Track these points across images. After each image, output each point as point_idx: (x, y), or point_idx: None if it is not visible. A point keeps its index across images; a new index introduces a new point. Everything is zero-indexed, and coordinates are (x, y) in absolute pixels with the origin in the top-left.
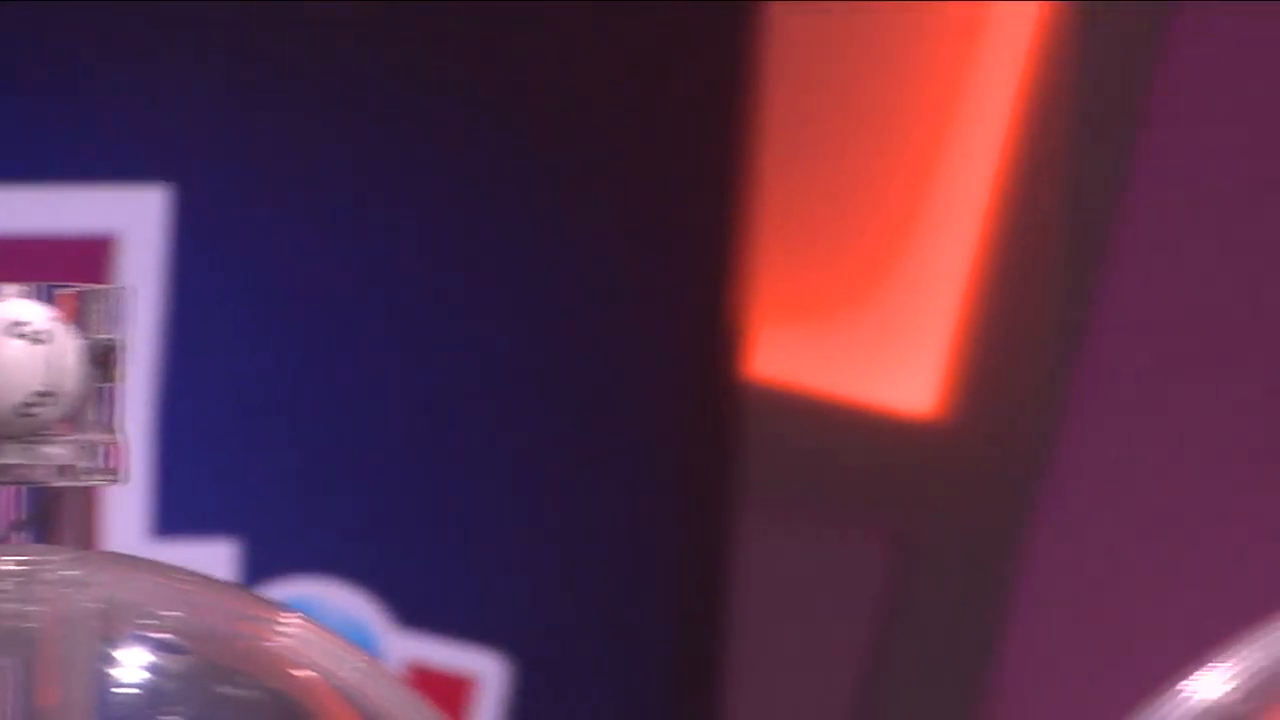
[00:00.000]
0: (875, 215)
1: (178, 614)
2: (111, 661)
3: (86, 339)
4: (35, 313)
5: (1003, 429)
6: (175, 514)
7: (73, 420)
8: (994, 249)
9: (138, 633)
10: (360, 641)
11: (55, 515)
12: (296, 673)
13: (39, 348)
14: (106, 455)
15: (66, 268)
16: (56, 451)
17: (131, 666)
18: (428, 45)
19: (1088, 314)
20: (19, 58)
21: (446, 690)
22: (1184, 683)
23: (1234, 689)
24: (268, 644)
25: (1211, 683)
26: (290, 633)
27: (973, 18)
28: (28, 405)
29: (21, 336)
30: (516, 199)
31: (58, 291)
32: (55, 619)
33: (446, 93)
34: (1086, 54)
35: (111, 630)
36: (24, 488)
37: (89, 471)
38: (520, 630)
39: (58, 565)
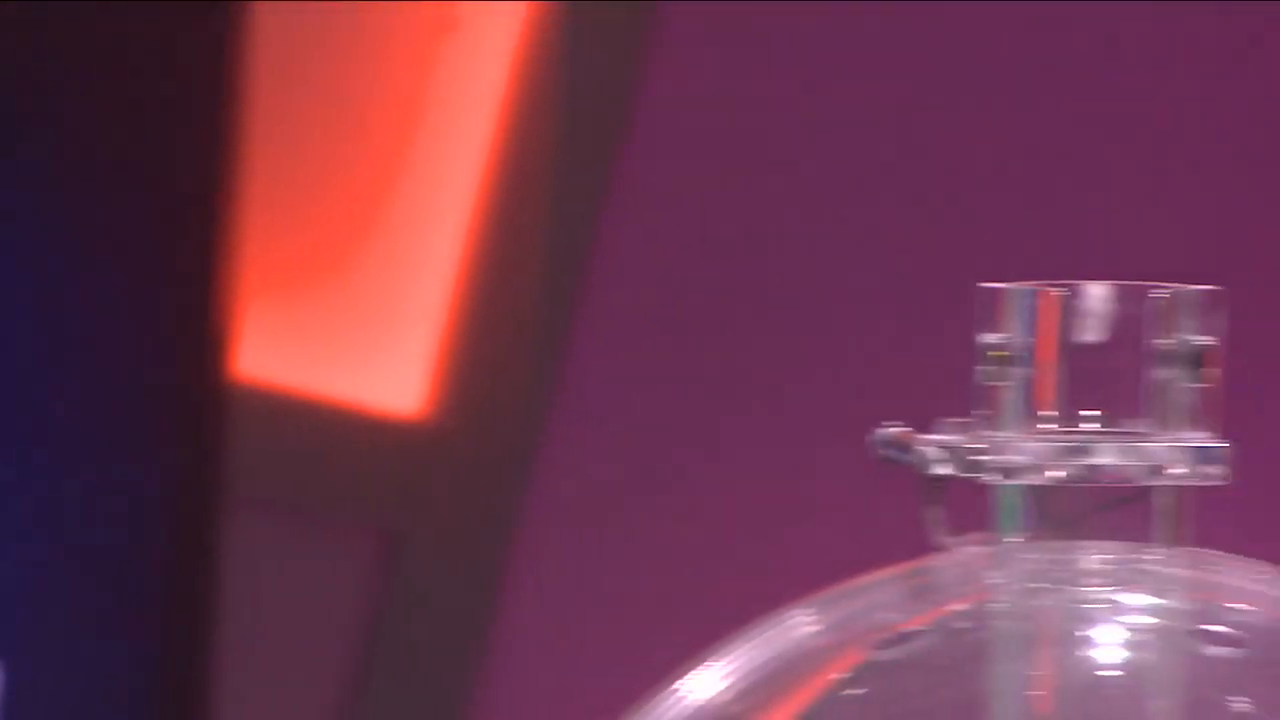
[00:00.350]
0: (357, 222)
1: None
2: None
3: None
4: None
5: (489, 428)
6: None
7: None
8: (478, 249)
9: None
10: None
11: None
12: None
13: None
14: None
15: None
16: None
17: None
18: None
19: (572, 313)
20: None
21: None
22: (678, 681)
23: (727, 688)
24: None
25: (705, 682)
26: None
27: (450, 16)
28: None
29: None
30: None
31: None
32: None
33: None
34: (571, 53)
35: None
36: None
37: None
38: (10, 632)
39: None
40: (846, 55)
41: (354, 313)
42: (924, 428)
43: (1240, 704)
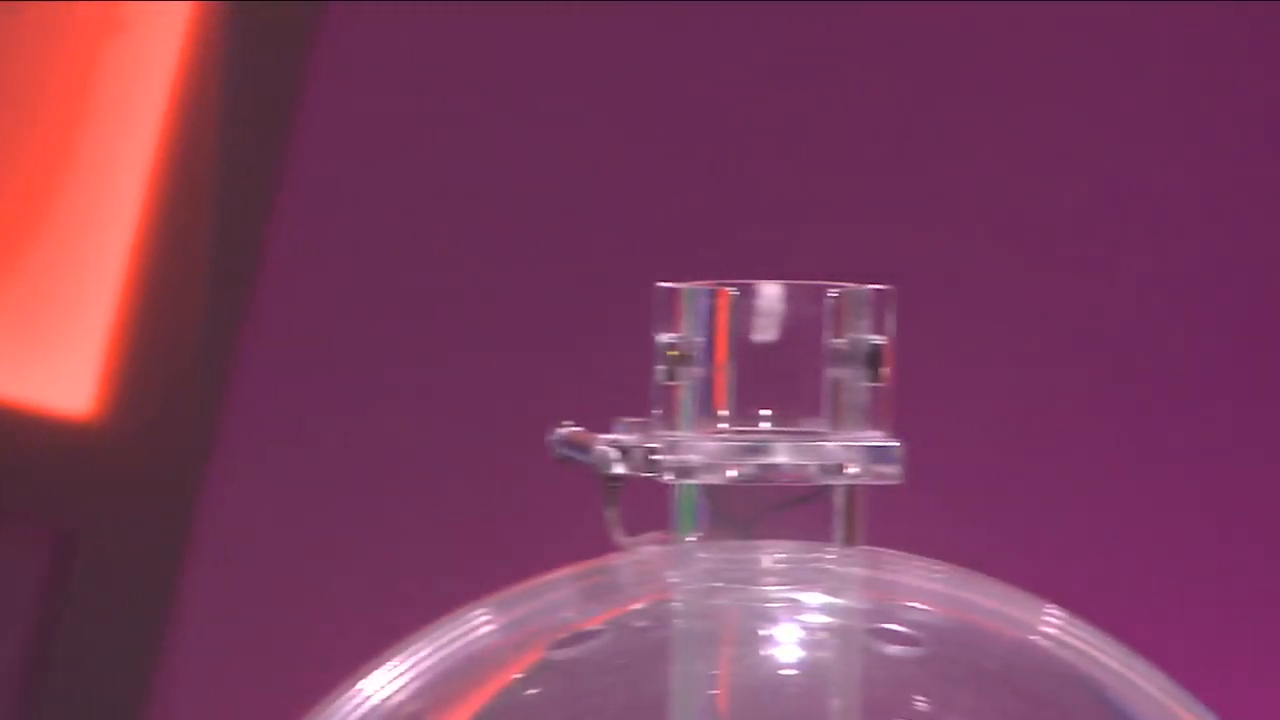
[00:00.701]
0: (22, 223)
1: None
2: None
3: None
4: None
5: (162, 427)
6: None
7: None
8: (146, 249)
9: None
10: None
11: None
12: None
13: None
14: None
15: None
16: None
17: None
18: None
19: (242, 312)
20: None
21: None
22: (357, 681)
23: (405, 687)
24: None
25: (384, 681)
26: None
27: (116, 16)
28: None
29: None
30: None
31: None
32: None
33: None
34: (237, 54)
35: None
36: None
37: None
38: None
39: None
40: (514, 56)
41: (21, 313)
42: (602, 427)
43: (919, 703)
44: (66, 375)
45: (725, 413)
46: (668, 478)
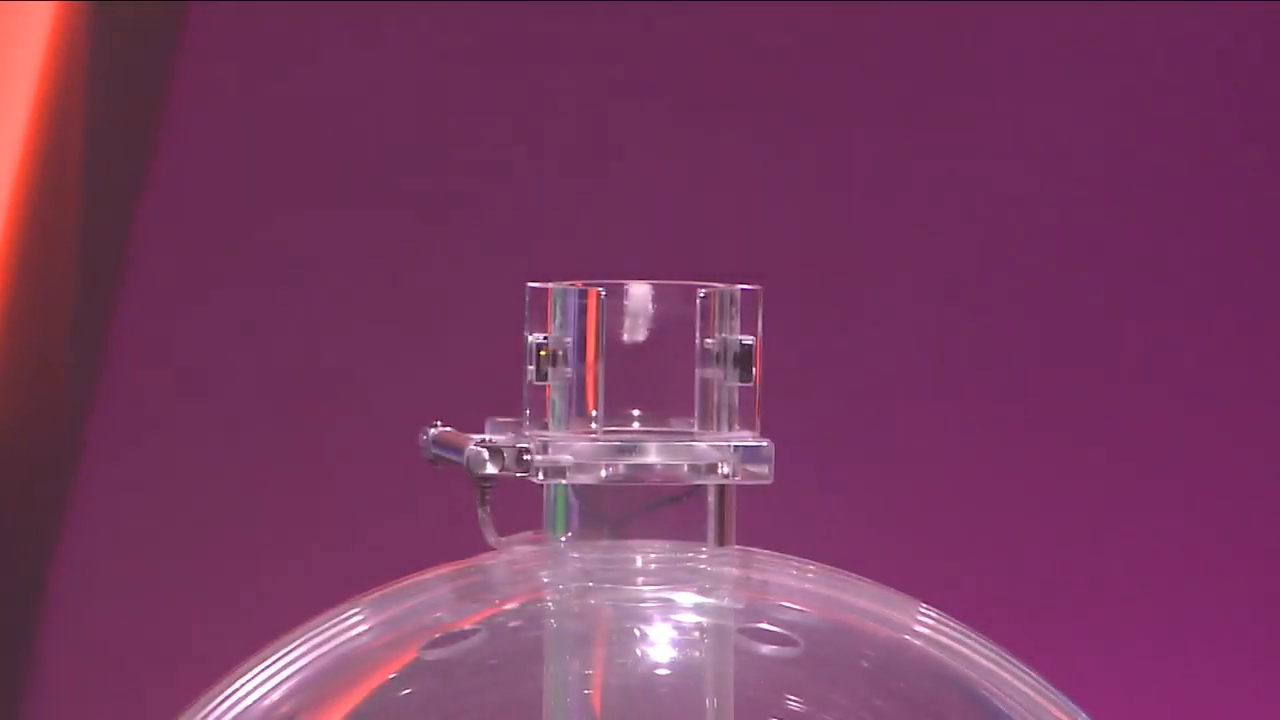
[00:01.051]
0: None
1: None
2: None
3: None
4: None
5: (29, 430)
6: None
7: None
8: (12, 250)
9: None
10: None
11: None
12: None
13: None
14: None
15: None
16: None
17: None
18: None
19: (111, 309)
20: None
21: None
22: (230, 681)
23: (278, 687)
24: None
25: (257, 681)
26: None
27: None
28: None
29: None
30: None
31: None
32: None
33: None
34: (101, 55)
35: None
36: None
37: None
38: None
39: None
40: (379, 51)
41: None
42: (473, 427)
43: (792, 703)
44: None
45: (596, 413)
46: (539, 478)
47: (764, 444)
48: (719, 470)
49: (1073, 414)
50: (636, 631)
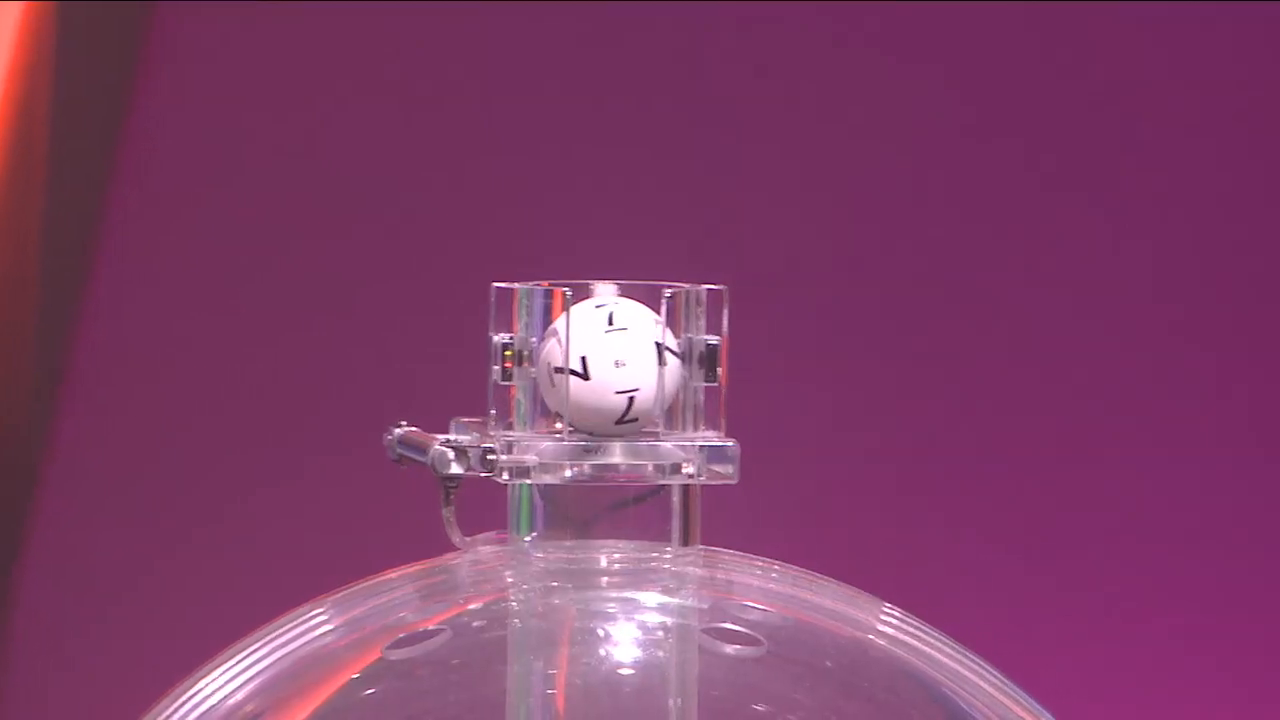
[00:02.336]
0: None
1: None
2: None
3: None
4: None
5: None
6: None
7: None
8: None
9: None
10: None
11: None
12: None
13: None
14: None
15: None
16: None
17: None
18: None
19: (75, 316)
20: None
21: None
22: (194, 680)
23: (242, 686)
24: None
25: (221, 680)
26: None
27: None
28: None
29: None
30: None
31: None
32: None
33: None
34: (67, 56)
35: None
36: None
37: None
38: None
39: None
40: (346, 56)
41: None
42: (438, 427)
43: (756, 702)
44: None
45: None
46: (504, 478)
47: (729, 444)
48: (684, 470)
49: (1035, 412)
50: (600, 631)
